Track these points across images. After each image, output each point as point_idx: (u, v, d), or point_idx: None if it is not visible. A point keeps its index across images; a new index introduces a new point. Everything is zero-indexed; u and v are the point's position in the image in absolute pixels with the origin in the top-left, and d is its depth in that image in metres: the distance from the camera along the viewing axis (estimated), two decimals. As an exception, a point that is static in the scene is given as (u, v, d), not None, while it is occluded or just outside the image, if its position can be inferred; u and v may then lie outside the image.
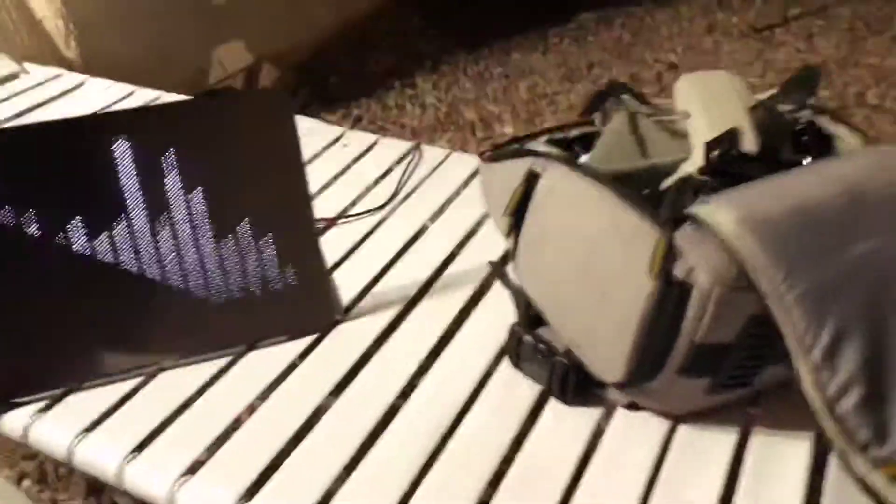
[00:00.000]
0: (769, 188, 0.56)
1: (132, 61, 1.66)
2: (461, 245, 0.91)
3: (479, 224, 0.94)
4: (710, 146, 0.65)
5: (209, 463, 0.65)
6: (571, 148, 0.82)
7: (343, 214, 0.95)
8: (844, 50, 2.30)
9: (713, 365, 0.59)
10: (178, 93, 1.28)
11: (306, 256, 0.76)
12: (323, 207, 0.97)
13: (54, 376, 0.70)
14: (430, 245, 0.91)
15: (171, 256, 0.71)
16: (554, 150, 0.69)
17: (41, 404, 0.71)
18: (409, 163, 1.05)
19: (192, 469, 0.65)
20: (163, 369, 0.74)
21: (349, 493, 0.63)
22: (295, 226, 0.75)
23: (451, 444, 0.66)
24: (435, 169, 1.05)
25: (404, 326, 0.79)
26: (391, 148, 1.10)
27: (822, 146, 0.71)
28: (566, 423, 0.67)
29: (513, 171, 0.72)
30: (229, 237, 0.73)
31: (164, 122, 0.68)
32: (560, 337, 0.69)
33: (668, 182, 0.69)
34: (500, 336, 0.75)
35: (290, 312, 0.76)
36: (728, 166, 0.64)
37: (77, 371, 0.71)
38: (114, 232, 0.68)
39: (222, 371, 0.74)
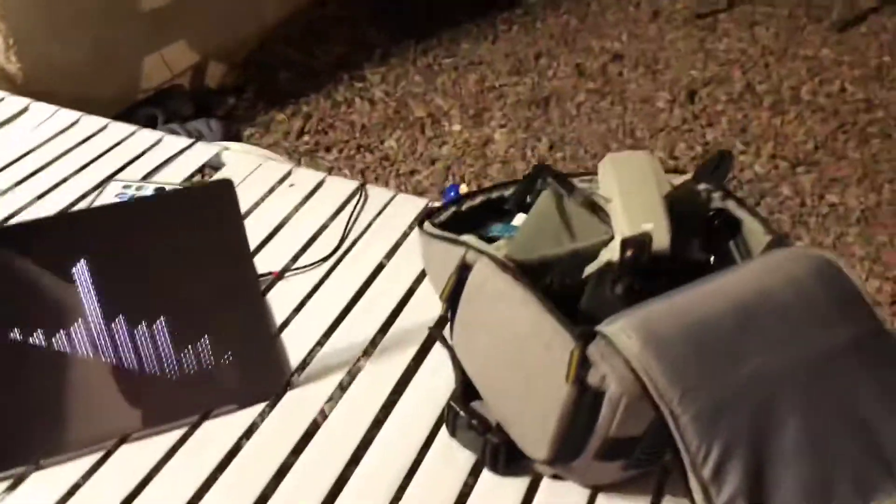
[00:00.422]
0: (669, 306, 0.63)
1: (75, 70, 1.64)
2: (408, 295, 0.96)
3: (423, 274, 0.99)
4: (625, 245, 0.71)
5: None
6: (505, 210, 0.88)
7: (289, 267, 1.00)
8: (783, 40, 2.37)
9: (626, 451, 0.66)
10: (126, 98, 1.28)
11: (254, 331, 0.80)
12: (270, 257, 1.01)
13: (17, 454, 0.74)
14: (376, 297, 0.96)
15: (125, 343, 0.75)
16: (485, 247, 0.74)
17: (4, 484, 0.76)
18: (356, 206, 1.10)
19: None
20: (122, 442, 0.79)
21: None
22: (243, 304, 0.79)
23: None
24: (381, 212, 1.09)
25: (351, 391, 0.84)
26: (338, 188, 1.14)
27: (731, 232, 0.78)
28: (499, 491, 0.74)
29: (448, 254, 0.78)
30: (180, 322, 0.77)
31: (113, 222, 0.71)
32: (492, 413, 0.75)
33: (589, 269, 0.75)
34: (440, 398, 0.81)
35: (240, 383, 0.81)
36: (640, 266, 0.70)
37: (40, 449, 0.75)
38: (71, 329, 0.72)
39: (177, 444, 0.79)
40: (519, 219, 0.88)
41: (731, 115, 1.99)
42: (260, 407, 0.82)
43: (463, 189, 1.05)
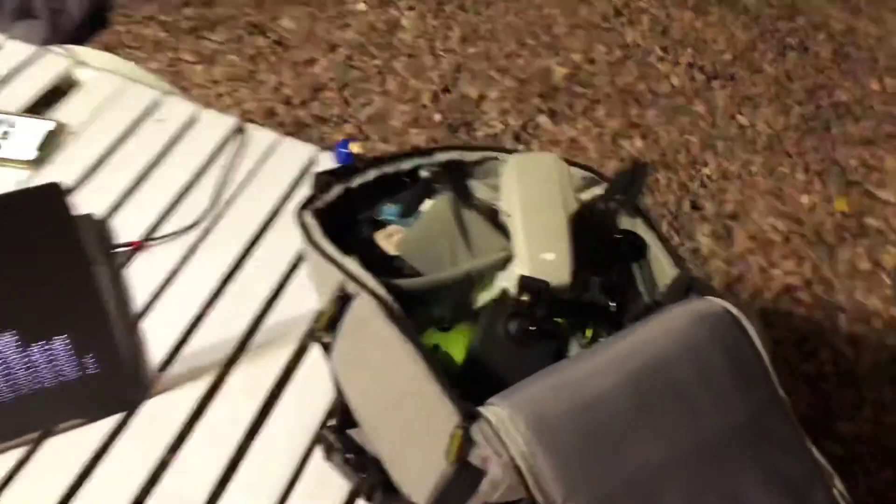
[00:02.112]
0: (560, 382, 0.57)
1: None
2: (291, 272, 0.87)
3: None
4: (522, 287, 0.64)
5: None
6: (400, 186, 0.79)
7: (151, 235, 0.88)
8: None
9: (507, 506, 0.64)
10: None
11: (101, 340, 0.71)
12: (131, 220, 0.88)
13: None
14: (255, 274, 0.86)
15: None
16: (367, 280, 0.66)
17: None
18: (234, 153, 0.96)
19: None
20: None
21: None
22: (87, 314, 0.69)
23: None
24: (262, 163, 0.97)
25: (222, 396, 0.77)
26: (214, 126, 0.99)
27: (636, 256, 0.72)
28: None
29: (326, 272, 0.69)
30: (21, 336, 0.66)
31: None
32: (371, 445, 0.71)
33: (483, 298, 0.68)
34: (320, 406, 0.76)
35: (89, 394, 0.72)
36: (538, 309, 0.64)
37: None
38: None
39: (14, 470, 0.71)
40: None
41: (655, 13, 1.87)
42: (112, 421, 0.74)
43: (355, 149, 0.93)
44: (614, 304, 0.66)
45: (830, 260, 1.40)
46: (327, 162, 0.97)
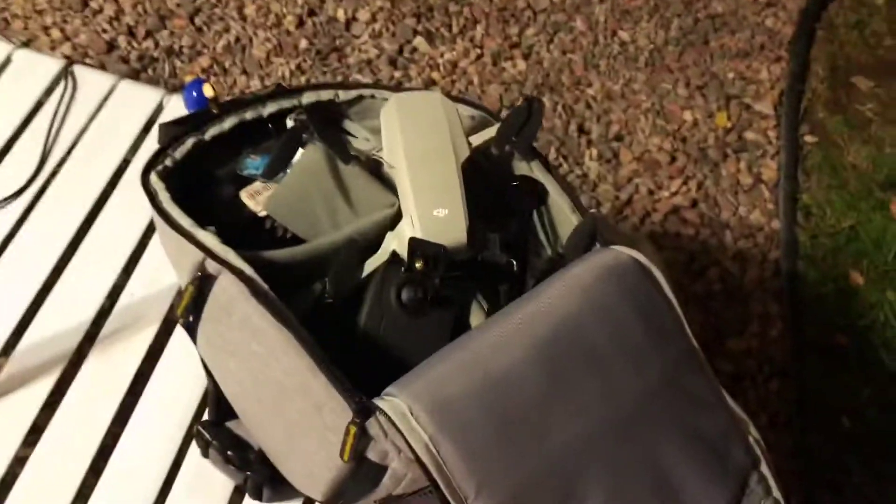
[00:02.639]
0: (463, 361, 0.51)
1: None
2: (144, 243, 0.75)
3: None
4: (413, 250, 0.56)
5: None
6: (264, 134, 0.69)
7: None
8: None
9: (417, 494, 0.58)
10: None
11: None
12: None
13: None
14: (98, 249, 0.74)
15: None
16: (227, 254, 0.55)
17: None
18: (60, 101, 0.81)
19: None
20: None
21: None
22: None
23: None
24: (99, 112, 0.82)
25: (70, 399, 0.66)
26: (35, 69, 0.83)
27: (536, 202, 0.66)
28: (265, 513, 0.64)
29: (182, 248, 0.58)
30: None
31: None
32: (253, 438, 0.62)
33: (371, 264, 0.60)
34: (193, 393, 0.66)
35: None
36: (433, 275, 0.57)
37: None
38: None
39: None
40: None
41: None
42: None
43: (208, 91, 0.80)
44: (515, 263, 0.59)
45: (714, 177, 1.41)
46: (177, 108, 0.84)
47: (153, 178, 0.64)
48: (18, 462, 0.62)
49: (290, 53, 1.41)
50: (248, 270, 0.54)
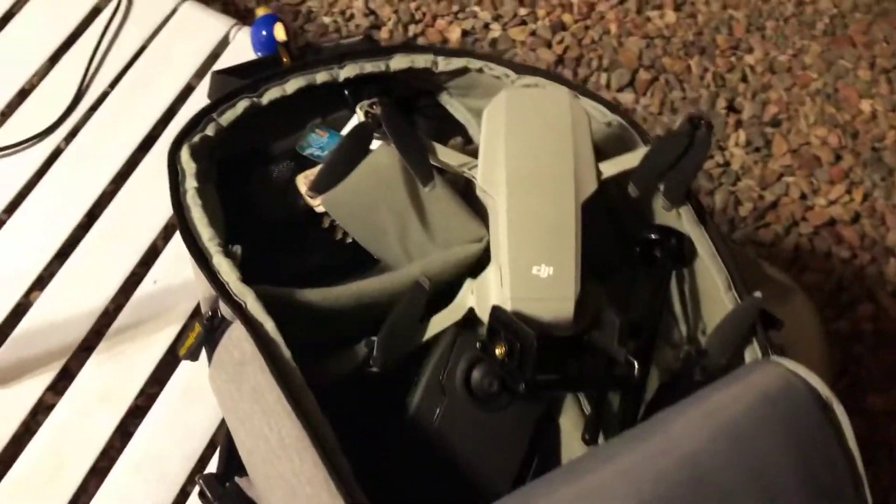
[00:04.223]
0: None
1: None
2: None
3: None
4: (493, 328, 0.40)
5: None
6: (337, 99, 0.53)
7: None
8: None
9: None
10: None
11: None
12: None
13: None
14: (128, 212, 0.60)
15: None
16: (245, 293, 0.41)
17: None
18: (109, 23, 0.67)
19: None
20: None
21: None
22: None
23: None
24: (152, 39, 0.68)
25: (72, 394, 0.54)
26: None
27: (678, 265, 0.47)
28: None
29: (197, 273, 0.44)
30: None
31: None
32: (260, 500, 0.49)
33: (436, 325, 0.44)
34: (205, 427, 0.54)
35: None
36: (520, 368, 0.40)
37: None
38: None
39: None
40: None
41: None
42: None
43: (279, 34, 0.64)
44: (636, 364, 0.42)
45: (887, 188, 1.16)
46: (244, 47, 0.69)
47: (184, 154, 0.49)
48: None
49: (401, -26, 1.22)
50: (270, 326, 0.40)
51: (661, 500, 0.36)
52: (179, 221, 0.44)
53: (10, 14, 0.67)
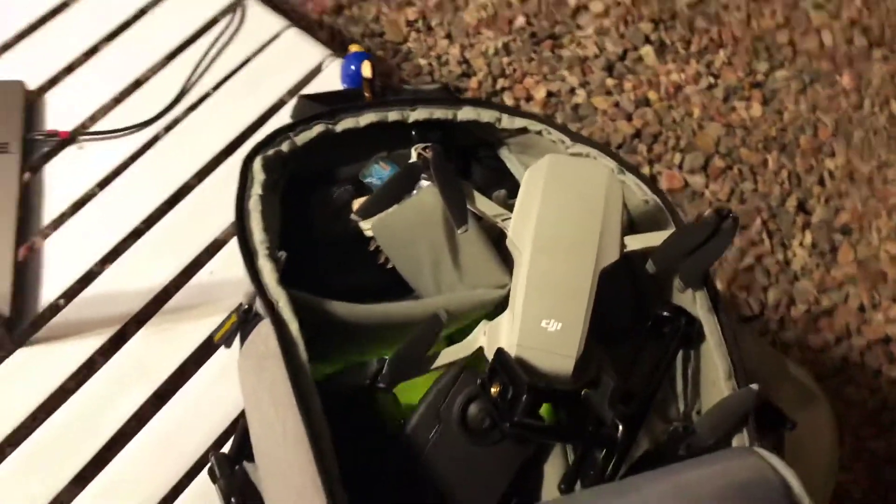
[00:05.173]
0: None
1: None
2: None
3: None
4: (494, 367, 0.43)
5: None
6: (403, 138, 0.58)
7: (86, 128, 0.68)
8: None
9: None
10: None
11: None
12: (65, 103, 0.69)
13: None
14: (207, 203, 0.67)
15: None
16: (279, 295, 0.45)
17: None
18: (222, 33, 0.74)
19: None
20: None
21: None
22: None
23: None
24: (257, 55, 0.75)
25: (118, 360, 0.60)
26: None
27: (686, 345, 0.50)
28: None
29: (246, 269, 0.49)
30: None
31: None
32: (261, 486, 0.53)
33: (444, 358, 0.48)
34: (230, 408, 0.58)
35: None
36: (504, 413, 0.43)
37: None
38: None
39: None
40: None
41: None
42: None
43: (366, 71, 0.70)
44: (621, 427, 0.44)
45: (951, 316, 1.13)
46: (333, 76, 0.75)
47: (257, 163, 0.55)
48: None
49: (501, 28, 1.28)
50: (294, 328, 0.44)
51: None
52: (237, 221, 0.50)
53: (141, 12, 0.75)
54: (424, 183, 0.54)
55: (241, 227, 0.49)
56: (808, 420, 0.68)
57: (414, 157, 0.51)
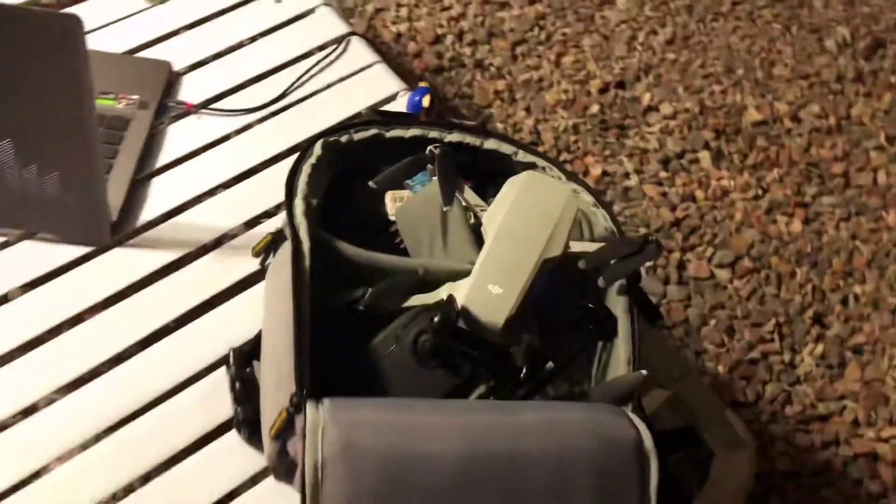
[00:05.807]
0: (396, 422, 0.51)
1: None
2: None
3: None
4: (446, 307, 0.58)
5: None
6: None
7: (208, 104, 0.89)
8: None
9: None
10: None
11: (85, 175, 0.73)
12: (198, 83, 0.90)
13: None
14: (276, 180, 0.85)
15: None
16: (301, 222, 0.62)
17: None
18: (327, 55, 0.94)
19: None
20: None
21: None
22: (77, 143, 0.71)
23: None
24: (347, 77, 0.94)
25: (175, 276, 0.77)
26: (327, 24, 0.98)
27: (603, 336, 0.62)
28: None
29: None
30: (10, 135, 0.70)
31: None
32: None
33: (414, 300, 0.62)
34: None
35: (67, 220, 0.76)
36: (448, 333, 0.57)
37: None
38: None
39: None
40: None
41: (902, 95, 1.59)
42: (75, 253, 0.77)
43: (425, 102, 0.88)
44: (524, 371, 0.57)
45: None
46: (402, 104, 0.93)
47: (318, 145, 0.72)
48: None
49: (576, 111, 1.44)
50: (306, 247, 0.60)
51: (480, 454, 0.50)
52: (290, 172, 0.66)
53: (272, 29, 0.96)
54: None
55: (291, 175, 0.66)
56: (734, 458, 0.77)
57: (427, 152, 0.67)
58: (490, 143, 0.76)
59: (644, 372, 0.58)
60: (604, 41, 1.55)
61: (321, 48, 0.95)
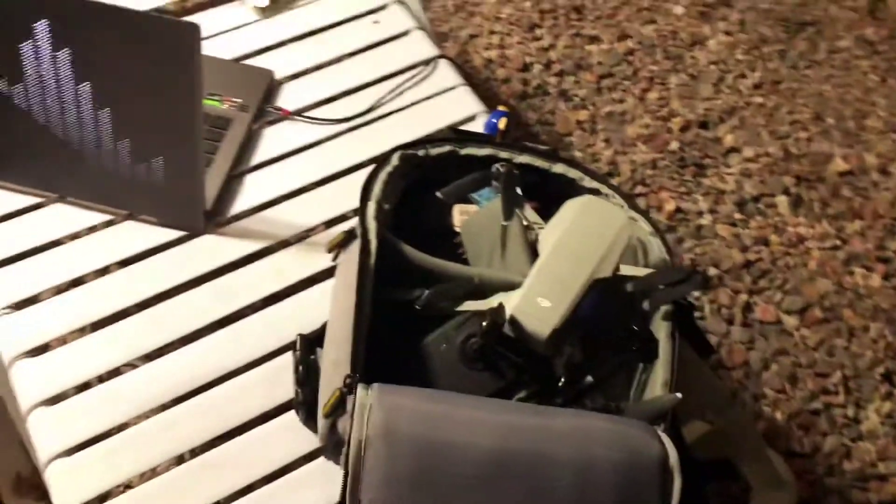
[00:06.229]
0: (437, 413, 0.55)
1: None
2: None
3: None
4: (493, 315, 0.61)
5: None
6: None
7: (302, 112, 0.96)
8: None
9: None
10: None
11: (188, 167, 0.81)
12: (296, 92, 0.98)
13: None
14: (355, 184, 0.92)
15: (72, 109, 0.79)
16: (371, 223, 0.67)
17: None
18: (412, 78, 1.01)
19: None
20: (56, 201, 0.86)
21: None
22: (182, 137, 0.79)
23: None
24: (432, 97, 1.00)
25: (259, 264, 0.85)
26: (419, 47, 1.04)
27: (645, 358, 0.65)
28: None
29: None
30: (121, 120, 0.79)
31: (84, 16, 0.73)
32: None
33: (469, 305, 0.67)
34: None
35: (164, 204, 0.84)
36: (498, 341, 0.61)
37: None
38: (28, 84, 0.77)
39: (93, 229, 0.85)
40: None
41: None
42: (170, 236, 0.85)
43: (501, 124, 0.92)
44: (561, 383, 0.60)
45: None
46: (480, 125, 0.98)
47: (396, 155, 0.77)
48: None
49: (656, 146, 1.46)
50: (374, 246, 0.65)
51: (510, 451, 0.53)
52: (367, 178, 0.72)
53: (368, 47, 1.03)
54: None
55: (368, 180, 0.72)
56: (774, 497, 0.77)
57: (494, 168, 0.72)
58: (558, 168, 0.80)
59: (679, 395, 0.61)
60: (691, 80, 1.56)
61: (411, 68, 1.02)
